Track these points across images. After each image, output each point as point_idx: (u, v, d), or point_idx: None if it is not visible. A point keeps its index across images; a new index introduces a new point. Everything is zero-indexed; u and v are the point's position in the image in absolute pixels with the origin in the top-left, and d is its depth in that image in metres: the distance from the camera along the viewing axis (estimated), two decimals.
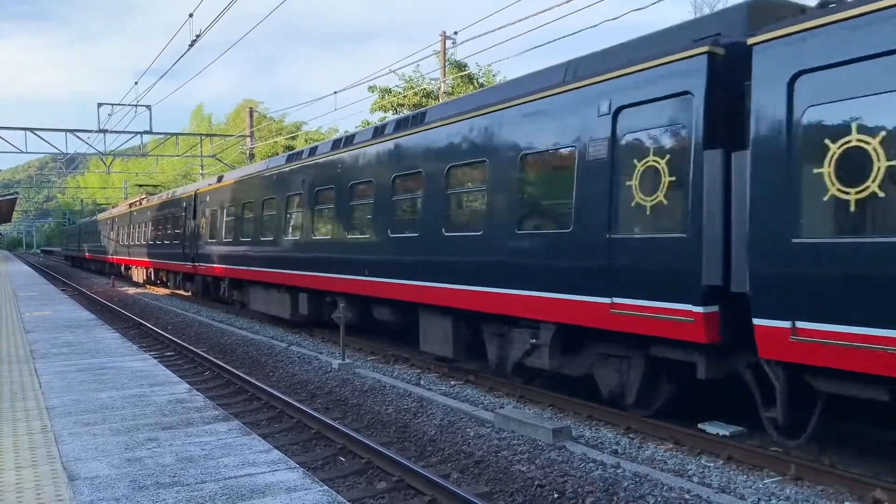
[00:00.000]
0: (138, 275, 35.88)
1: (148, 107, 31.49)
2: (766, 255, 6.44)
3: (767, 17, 6.97)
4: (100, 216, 52.30)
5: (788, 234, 6.25)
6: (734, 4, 7.75)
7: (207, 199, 23.44)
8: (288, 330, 17.81)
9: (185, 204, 26.13)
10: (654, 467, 7.07)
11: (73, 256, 69.05)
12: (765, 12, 7.18)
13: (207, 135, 40.90)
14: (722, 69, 7.06)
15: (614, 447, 7.83)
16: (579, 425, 8.68)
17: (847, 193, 5.85)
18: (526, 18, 21.52)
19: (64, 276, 43.74)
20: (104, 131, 32.14)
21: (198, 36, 19.54)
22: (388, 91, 30.42)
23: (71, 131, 32.53)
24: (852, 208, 5.84)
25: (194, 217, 24.60)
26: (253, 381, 11.05)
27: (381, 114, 31.60)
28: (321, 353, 13.97)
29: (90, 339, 11.81)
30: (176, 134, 37.94)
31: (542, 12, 16.01)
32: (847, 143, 5.89)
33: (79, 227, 65.60)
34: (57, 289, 26.56)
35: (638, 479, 6.53)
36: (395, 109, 30.85)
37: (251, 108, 38.32)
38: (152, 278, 33.59)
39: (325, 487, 4.72)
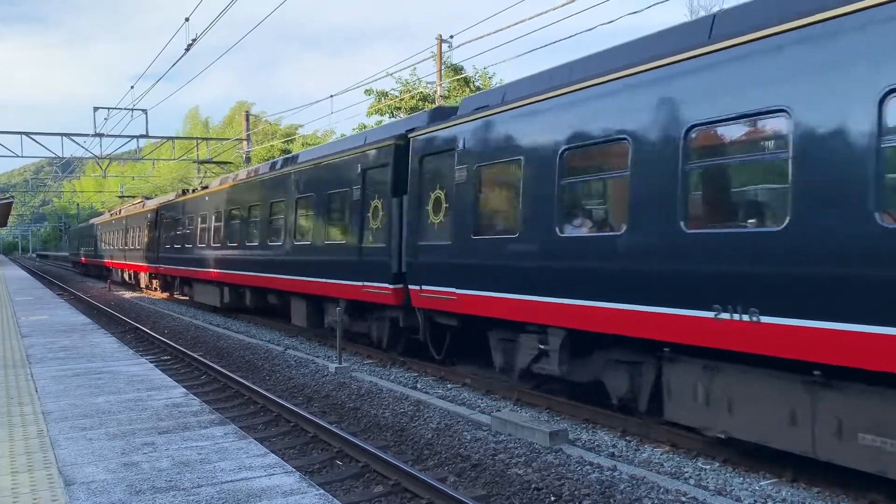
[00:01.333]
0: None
1: (144, 111, 31.46)
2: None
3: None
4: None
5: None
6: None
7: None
8: (284, 334, 17.79)
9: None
10: (651, 469, 7.08)
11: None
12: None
13: (203, 138, 40.85)
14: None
15: (611, 450, 7.84)
16: (576, 428, 8.69)
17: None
18: (522, 22, 21.50)
19: (60, 281, 43.63)
20: (100, 135, 32.11)
21: (194, 40, 19.54)
22: (384, 94, 30.44)
23: (67, 135, 32.46)
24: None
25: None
26: (249, 384, 11.04)
27: (377, 117, 31.62)
28: (318, 357, 13.96)
29: (86, 344, 11.78)
30: (172, 138, 37.91)
31: (538, 15, 16.06)
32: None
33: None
34: (53, 293, 26.50)
35: (635, 482, 6.54)
36: (392, 113, 30.86)
37: (247, 111, 38.30)
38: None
39: (322, 491, 4.72)
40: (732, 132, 6.87)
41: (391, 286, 12.06)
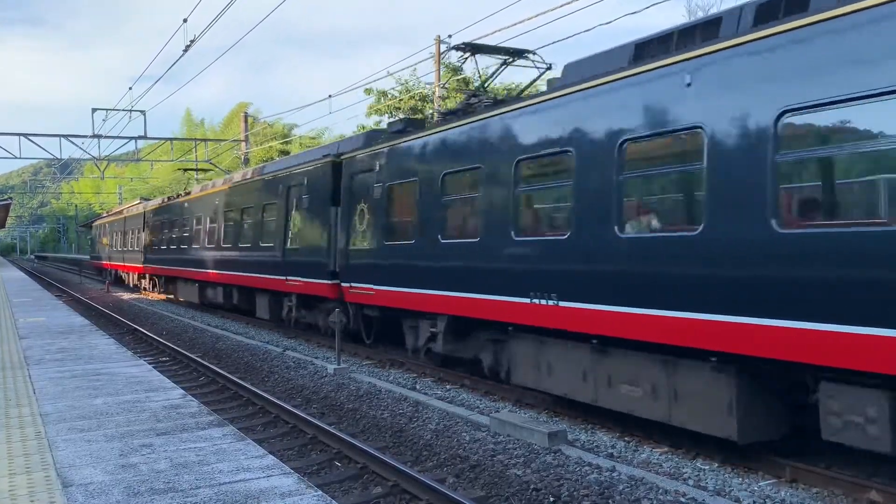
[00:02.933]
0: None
1: (142, 112, 31.46)
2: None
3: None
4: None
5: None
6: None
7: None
8: (283, 335, 17.79)
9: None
10: (650, 470, 7.07)
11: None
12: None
13: (201, 139, 40.85)
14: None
15: (610, 450, 7.83)
16: (575, 429, 8.68)
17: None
18: (521, 22, 21.60)
19: (58, 282, 43.58)
20: (98, 136, 32.08)
21: (192, 41, 19.53)
22: (384, 94, 30.42)
23: (65, 136, 32.43)
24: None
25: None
26: (248, 386, 11.03)
27: (377, 117, 31.61)
28: (316, 358, 13.95)
29: (84, 345, 11.77)
30: (170, 139, 37.92)
31: (536, 16, 16.07)
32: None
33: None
34: (51, 294, 26.48)
35: (633, 483, 6.53)
36: (392, 113, 30.86)
37: (245, 112, 38.28)
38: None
39: (320, 493, 4.72)
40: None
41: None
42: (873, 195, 5.86)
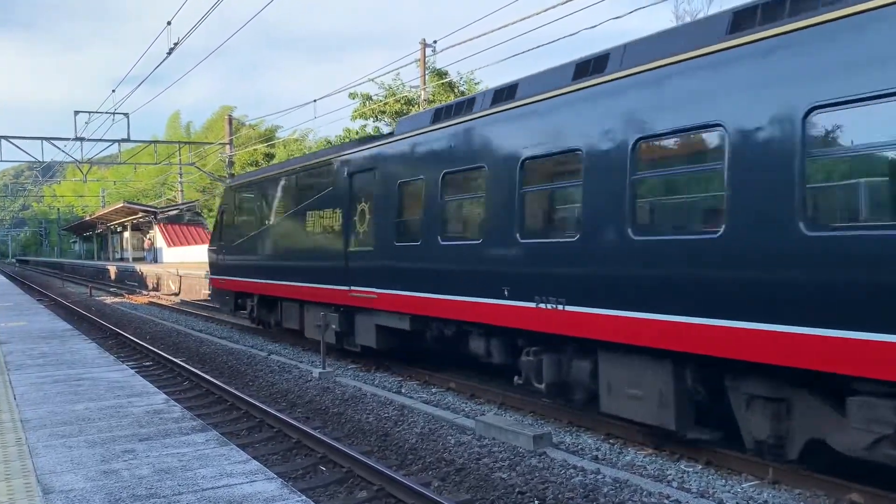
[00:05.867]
0: None
1: (126, 114, 31.24)
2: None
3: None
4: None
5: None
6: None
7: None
8: (268, 339, 17.70)
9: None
10: (634, 473, 7.09)
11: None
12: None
13: (186, 142, 40.64)
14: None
15: (595, 453, 7.85)
16: (560, 431, 8.70)
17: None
18: (506, 27, 21.53)
19: (40, 286, 43.13)
20: (81, 139, 31.82)
21: (176, 43, 19.43)
22: (369, 98, 30.40)
23: (47, 139, 32.15)
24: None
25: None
26: (232, 390, 10.95)
27: (361, 122, 31.57)
28: (301, 362, 13.90)
29: (66, 350, 11.65)
30: (154, 142, 37.68)
31: (521, 20, 16.13)
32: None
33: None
34: (33, 299, 26.19)
35: (618, 485, 6.55)
36: (377, 117, 30.83)
37: (230, 115, 38.11)
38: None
39: (304, 497, 4.70)
40: None
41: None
42: None
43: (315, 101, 26.13)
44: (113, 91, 29.35)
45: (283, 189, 16.04)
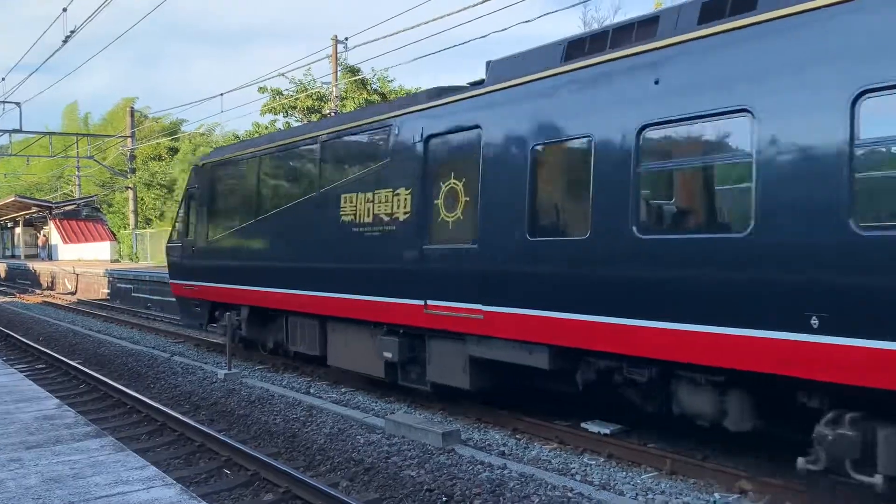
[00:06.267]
0: None
1: (17, 104, 29.51)
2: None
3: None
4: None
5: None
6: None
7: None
8: (171, 340, 17.10)
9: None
10: (540, 467, 7.25)
11: None
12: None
13: (84, 135, 38.78)
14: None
15: (501, 448, 7.98)
16: (468, 428, 8.79)
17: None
18: (418, 26, 21.79)
19: None
20: None
21: (72, 31, 18.51)
22: (279, 93, 29.83)
23: None
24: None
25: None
26: (131, 393, 10.52)
27: (271, 116, 30.94)
28: (206, 363, 13.50)
29: None
30: (49, 133, 35.73)
31: (434, 20, 16.21)
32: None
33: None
34: None
35: (524, 479, 6.68)
36: (287, 112, 30.28)
37: (131, 107, 36.60)
38: None
39: (205, 503, 4.56)
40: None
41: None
42: None
43: (222, 94, 25.53)
44: (3, 79, 27.74)
45: (295, 165, 12.27)
